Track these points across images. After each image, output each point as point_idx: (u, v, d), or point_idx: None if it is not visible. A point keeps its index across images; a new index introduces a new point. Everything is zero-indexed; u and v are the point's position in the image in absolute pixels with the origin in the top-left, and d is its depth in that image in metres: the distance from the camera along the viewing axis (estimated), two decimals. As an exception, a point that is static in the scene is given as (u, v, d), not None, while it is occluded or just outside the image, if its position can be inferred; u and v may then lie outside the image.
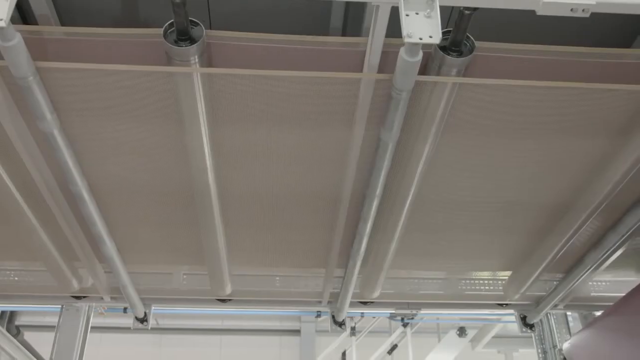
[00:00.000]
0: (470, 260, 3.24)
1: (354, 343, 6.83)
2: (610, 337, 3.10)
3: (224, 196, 2.52)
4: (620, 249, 2.80)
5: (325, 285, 3.28)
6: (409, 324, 6.76)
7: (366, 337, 7.61)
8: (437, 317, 6.75)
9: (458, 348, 6.95)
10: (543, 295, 3.42)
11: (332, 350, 7.16)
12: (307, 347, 9.94)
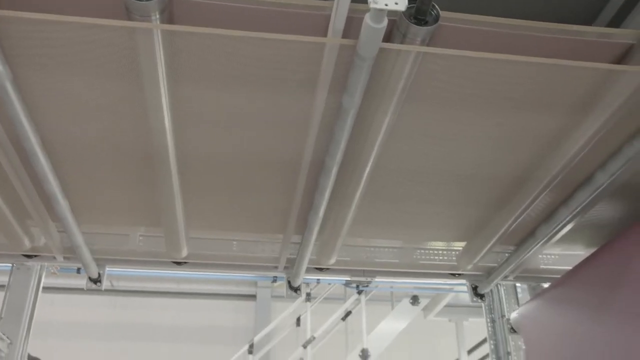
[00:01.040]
0: (426, 230, 3.30)
1: (309, 309, 6.91)
2: (556, 308, 3.21)
3: (183, 158, 2.49)
4: (570, 223, 2.87)
5: (282, 251, 3.29)
6: (364, 291, 6.87)
7: (321, 303, 7.70)
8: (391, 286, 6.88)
9: (410, 316, 7.11)
10: (494, 266, 3.50)
11: (287, 315, 7.22)
12: (263, 312, 10.02)
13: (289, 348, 7.48)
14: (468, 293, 3.78)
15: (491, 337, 4.16)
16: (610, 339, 2.71)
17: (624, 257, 2.68)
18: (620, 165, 2.41)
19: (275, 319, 7.47)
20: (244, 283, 10.18)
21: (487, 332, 4.21)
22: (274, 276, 5.57)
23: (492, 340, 4.15)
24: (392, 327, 6.98)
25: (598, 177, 2.53)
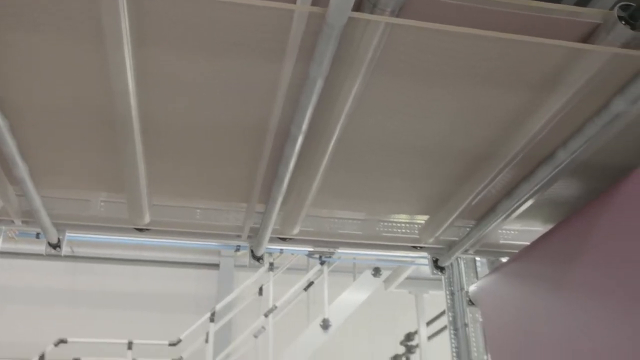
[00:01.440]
0: (390, 203, 3.32)
1: (272, 278, 6.94)
2: (513, 282, 3.28)
3: (146, 123, 2.45)
4: (530, 199, 2.92)
5: (245, 220, 3.28)
6: (326, 262, 6.92)
7: (284, 273, 7.74)
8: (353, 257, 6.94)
9: (372, 287, 7.20)
10: (455, 240, 3.55)
11: (249, 284, 7.24)
12: (225, 281, 10.04)
13: (250, 317, 7.53)
14: (429, 266, 3.83)
15: (450, 309, 4.25)
16: (565, 313, 2.79)
17: (580, 234, 2.74)
18: (581, 144, 2.45)
19: (238, 288, 7.49)
20: (207, 252, 10.17)
21: (446, 305, 4.30)
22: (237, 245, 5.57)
23: (450, 312, 4.24)
24: (354, 298, 7.07)
25: (559, 154, 2.57)
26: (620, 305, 2.42)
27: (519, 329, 3.16)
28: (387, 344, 9.75)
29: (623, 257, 2.44)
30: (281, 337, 7.08)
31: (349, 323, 8.04)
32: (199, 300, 9.81)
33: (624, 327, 2.39)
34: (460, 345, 4.13)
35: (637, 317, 2.33)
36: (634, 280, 2.36)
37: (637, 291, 2.34)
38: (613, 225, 2.52)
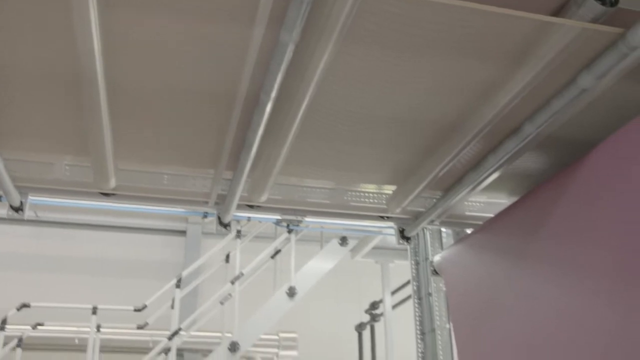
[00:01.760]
0: (358, 173, 3.33)
1: (239, 246, 6.94)
2: (477, 253, 3.34)
3: (112, 85, 2.40)
4: (496, 172, 2.96)
5: (213, 187, 3.26)
6: (294, 230, 6.95)
7: (251, 241, 7.75)
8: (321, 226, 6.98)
9: (338, 256, 7.27)
10: (422, 211, 3.58)
11: (216, 251, 7.24)
12: (192, 248, 10.03)
13: (217, 284, 7.54)
14: (395, 236, 3.87)
15: (414, 278, 4.31)
16: (527, 284, 2.85)
17: (544, 207, 2.79)
18: (547, 118, 2.49)
19: (205, 255, 7.48)
20: (174, 218, 10.13)
21: (411, 274, 4.36)
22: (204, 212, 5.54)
23: (415, 282, 4.30)
24: (320, 267, 7.13)
25: (526, 127, 2.61)
26: (580, 277, 2.49)
27: (481, 298, 3.23)
28: (353, 312, 9.88)
29: (584, 230, 2.49)
30: (247, 304, 7.12)
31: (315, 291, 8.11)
32: (165, 266, 9.78)
33: (584, 297, 2.45)
34: (423, 314, 4.21)
35: (595, 288, 2.39)
36: (593, 252, 2.42)
37: (597, 263, 2.40)
38: (576, 199, 2.57)
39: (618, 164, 2.32)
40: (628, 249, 2.24)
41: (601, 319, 2.34)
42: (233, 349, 6.34)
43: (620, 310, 2.24)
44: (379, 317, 8.99)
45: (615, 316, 2.27)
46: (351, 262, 8.18)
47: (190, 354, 8.60)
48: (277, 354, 9.03)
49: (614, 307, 2.28)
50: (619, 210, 2.30)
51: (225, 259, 7.29)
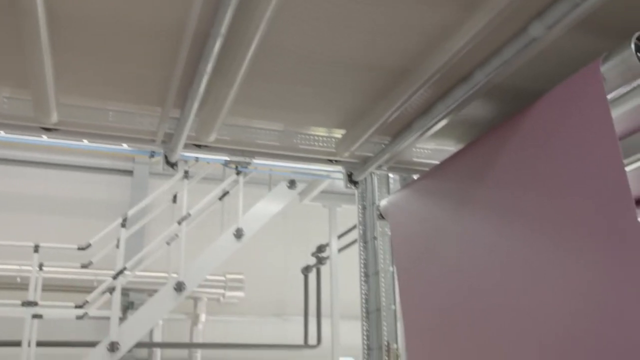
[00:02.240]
0: (308, 115, 3.31)
1: (186, 186, 6.87)
2: (422, 198, 3.40)
3: (54, 14, 2.29)
4: (445, 118, 2.99)
5: (160, 125, 3.20)
6: (243, 172, 6.91)
7: (199, 183, 7.68)
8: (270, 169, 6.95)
9: (287, 199, 7.28)
10: (370, 156, 3.61)
11: (163, 191, 7.15)
12: (139, 188, 9.89)
13: (164, 224, 7.49)
14: (343, 180, 3.89)
15: (361, 223, 4.36)
16: (470, 230, 2.92)
17: (489, 155, 2.84)
18: (497, 66, 2.51)
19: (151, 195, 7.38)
20: (120, 157, 9.92)
21: (357, 219, 4.40)
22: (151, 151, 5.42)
23: (361, 226, 4.35)
24: (268, 209, 7.14)
25: (476, 75, 2.62)
26: (522, 223, 2.56)
27: (425, 243, 3.30)
28: (299, 255, 10.01)
29: (528, 177, 2.55)
30: (194, 244, 7.10)
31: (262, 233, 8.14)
32: (111, 206, 9.63)
33: (525, 243, 2.53)
34: (368, 257, 4.28)
35: (536, 234, 2.47)
36: (536, 200, 2.49)
37: (539, 210, 2.47)
38: (521, 147, 2.62)
39: (563, 113, 2.37)
40: (570, 196, 2.31)
41: (541, 264, 2.42)
42: (179, 289, 6.36)
43: (561, 255, 2.33)
44: (325, 260, 9.14)
45: (557, 262, 2.36)
46: (299, 205, 8.22)
47: (136, 294, 8.60)
48: (223, 295, 9.13)
49: (554, 253, 2.37)
50: (562, 159, 2.36)
51: (173, 199, 7.21)
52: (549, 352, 2.33)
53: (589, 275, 2.18)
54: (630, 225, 2.04)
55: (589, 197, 2.21)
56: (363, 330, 4.18)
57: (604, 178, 2.15)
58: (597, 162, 2.19)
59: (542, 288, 2.39)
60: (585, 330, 2.18)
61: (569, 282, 2.27)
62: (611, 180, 2.12)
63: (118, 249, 6.50)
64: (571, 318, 2.25)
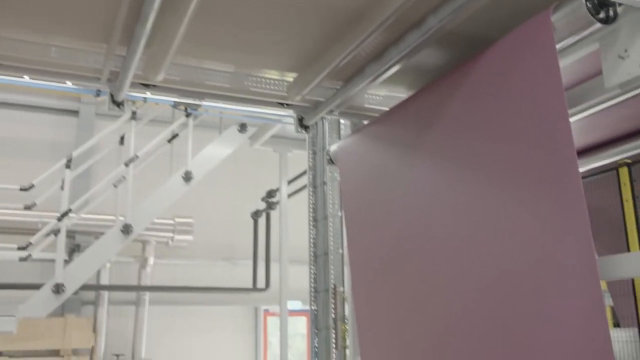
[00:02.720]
0: (260, 57, 3.25)
1: (134, 127, 6.73)
2: (371, 143, 3.41)
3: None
4: (398, 64, 2.98)
5: (105, 62, 3.09)
6: (192, 114, 6.80)
7: (148, 126, 7.54)
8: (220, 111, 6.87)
9: (237, 143, 7.23)
10: (322, 100, 3.58)
11: (110, 132, 6.99)
12: (85, 129, 9.65)
13: (111, 167, 7.35)
14: (294, 124, 3.87)
15: (311, 168, 4.37)
16: (418, 176, 2.96)
17: (439, 101, 2.86)
18: (451, 11, 2.49)
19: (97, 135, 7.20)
20: (66, 97, 9.61)
21: (308, 164, 4.42)
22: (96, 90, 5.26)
23: (311, 171, 4.37)
24: (218, 152, 7.08)
25: (429, 20, 2.61)
26: (470, 170, 2.60)
27: (373, 188, 3.33)
28: (249, 199, 10.02)
29: (476, 125, 2.59)
30: (142, 187, 7.02)
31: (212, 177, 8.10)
32: (56, 147, 9.39)
33: (472, 190, 2.58)
34: (317, 202, 4.31)
35: (481, 182, 2.52)
36: (482, 148, 2.53)
37: (487, 157, 2.51)
38: (471, 94, 2.64)
39: (512, 62, 2.39)
40: (516, 144, 2.36)
41: (486, 211, 2.48)
42: (126, 232, 6.30)
43: (505, 202, 2.39)
44: (275, 205, 9.18)
45: (501, 209, 2.41)
46: (250, 150, 8.18)
47: (83, 237, 8.50)
48: (172, 238, 9.10)
49: (499, 199, 2.42)
50: (510, 107, 2.39)
51: (120, 140, 7.07)
52: (490, 295, 2.41)
53: (531, 222, 2.25)
54: (572, 175, 2.09)
55: (534, 146, 2.26)
56: (311, 274, 4.25)
57: (549, 127, 2.20)
58: (543, 111, 2.23)
59: (486, 234, 2.46)
60: (524, 274, 2.26)
61: (511, 229, 2.34)
62: (556, 129, 2.16)
63: (63, 190, 6.36)
64: (512, 262, 2.32)
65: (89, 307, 8.93)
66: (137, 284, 9.10)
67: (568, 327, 2.05)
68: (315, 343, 4.13)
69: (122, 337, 9.13)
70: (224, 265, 10.09)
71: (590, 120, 3.18)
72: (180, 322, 9.70)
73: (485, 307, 2.43)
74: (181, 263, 9.81)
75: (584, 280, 2.01)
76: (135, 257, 9.19)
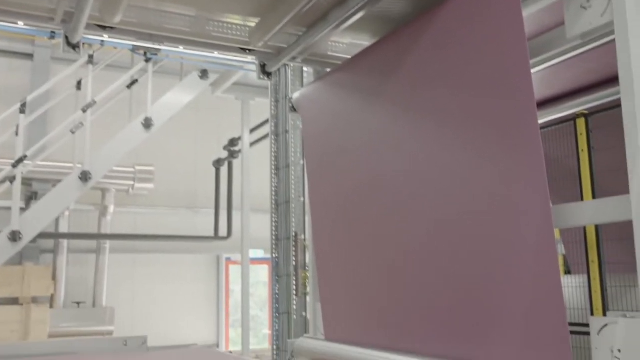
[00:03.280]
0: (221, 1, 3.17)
1: (91, 72, 6.54)
2: (334, 91, 3.39)
3: None
4: (361, 11, 2.93)
5: (59, 2, 2.97)
6: (152, 60, 6.64)
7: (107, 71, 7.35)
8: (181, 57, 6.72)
9: (198, 90, 7.11)
10: (284, 47, 3.53)
11: (66, 77, 6.78)
12: (40, 73, 9.36)
13: (68, 112, 7.16)
14: (256, 71, 3.81)
15: (273, 116, 4.34)
16: (379, 124, 2.96)
17: (401, 50, 2.84)
18: (415, -43, 2.45)
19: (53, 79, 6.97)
20: (19, 39, 9.25)
21: (270, 112, 4.38)
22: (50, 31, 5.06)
23: (273, 119, 4.33)
24: (179, 99, 6.95)
25: (394, -34, 2.56)
26: (430, 120, 2.61)
27: (335, 136, 3.33)
28: (211, 148, 9.93)
29: (437, 75, 2.58)
30: (100, 134, 6.88)
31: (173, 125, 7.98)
32: (9, 91, 9.08)
33: (430, 140, 2.60)
34: (279, 151, 4.30)
35: (441, 131, 2.53)
36: (444, 97, 2.53)
37: (446, 108, 2.52)
38: (432, 44, 2.63)
39: (476, 11, 2.38)
40: (477, 95, 2.36)
41: (446, 161, 2.50)
42: (84, 179, 6.18)
43: (465, 153, 2.41)
44: (237, 154, 9.13)
45: (460, 159, 2.44)
46: (212, 98, 8.06)
47: (41, 184, 8.34)
48: (132, 186, 9.00)
49: (459, 150, 2.44)
50: (473, 57, 2.39)
51: (77, 86, 6.86)
52: (448, 240, 2.46)
53: (489, 170, 2.28)
54: (530, 125, 2.12)
55: (495, 95, 2.27)
56: (272, 222, 4.26)
57: (510, 77, 2.21)
58: (505, 60, 2.23)
59: (446, 181, 2.48)
60: (481, 221, 2.30)
61: (470, 177, 2.37)
62: (517, 79, 2.17)
63: (17, 136, 6.18)
64: (470, 208, 2.36)
65: (48, 256, 8.83)
66: (97, 232, 9.02)
67: (521, 272, 2.11)
68: (276, 290, 4.17)
69: (83, 285, 9.09)
70: (186, 213, 10.06)
71: (551, 72, 3.21)
72: (142, 270, 9.69)
73: (443, 252, 2.47)
74: (142, 211, 9.74)
75: (539, 228, 2.06)
76: (95, 205, 9.08)
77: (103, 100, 6.71)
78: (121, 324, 8.84)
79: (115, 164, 6.74)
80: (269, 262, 4.37)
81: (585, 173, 3.69)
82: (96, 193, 8.87)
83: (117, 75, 7.05)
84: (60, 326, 8.15)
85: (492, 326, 2.22)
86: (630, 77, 1.90)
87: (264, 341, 10.59)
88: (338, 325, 3.23)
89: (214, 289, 10.29)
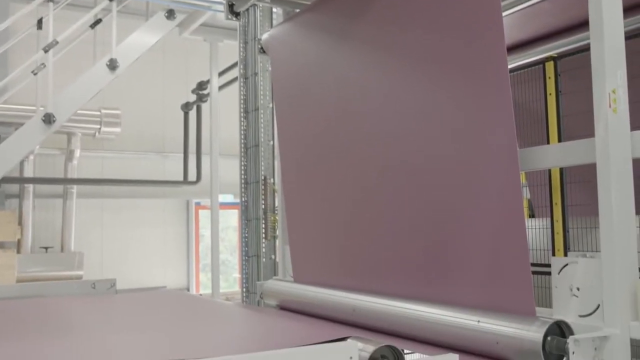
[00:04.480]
0: None
1: (52, 11, 6.30)
2: (303, 32, 3.32)
3: None
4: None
5: None
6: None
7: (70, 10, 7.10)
8: (146, -4, 6.52)
9: (164, 30, 6.92)
10: (252, -16, 3.44)
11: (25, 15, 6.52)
12: (-1, 11, 8.97)
13: (28, 52, 6.93)
14: (224, 11, 3.71)
15: (242, 59, 4.25)
16: (348, 65, 2.92)
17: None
18: None
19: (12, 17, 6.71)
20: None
21: (239, 55, 4.28)
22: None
23: (242, 62, 4.25)
24: (144, 40, 6.77)
25: None
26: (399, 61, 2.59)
27: (304, 78, 3.28)
28: (179, 91, 9.76)
29: (407, 16, 2.54)
30: (64, 75, 6.69)
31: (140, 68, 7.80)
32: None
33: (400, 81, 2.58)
34: (248, 94, 4.23)
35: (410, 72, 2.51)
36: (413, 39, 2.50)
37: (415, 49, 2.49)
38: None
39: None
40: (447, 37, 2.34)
41: (415, 101, 2.49)
42: (48, 121, 6.04)
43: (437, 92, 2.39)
44: (205, 98, 8.99)
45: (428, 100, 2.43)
46: (179, 40, 7.87)
47: (2, 128, 8.12)
48: (99, 130, 8.83)
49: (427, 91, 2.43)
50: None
51: (37, 24, 6.62)
52: (417, 182, 2.48)
53: (458, 113, 2.28)
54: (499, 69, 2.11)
55: (466, 38, 2.25)
56: (241, 166, 4.23)
57: (481, 20, 2.18)
58: (476, 3, 2.20)
59: (415, 123, 2.48)
60: (449, 163, 2.32)
61: (439, 119, 2.37)
62: (488, 23, 2.15)
63: (-23, 78, 5.98)
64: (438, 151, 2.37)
65: (14, 201, 8.69)
66: (64, 177, 8.87)
67: (487, 214, 2.14)
68: (245, 233, 4.18)
69: (50, 230, 9.00)
70: (154, 158, 9.94)
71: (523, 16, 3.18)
72: (110, 215, 9.62)
73: (410, 194, 2.49)
74: (109, 156, 9.60)
75: (505, 171, 2.08)
76: (61, 149, 8.90)
77: (65, 40, 6.50)
78: (90, 269, 8.82)
79: (80, 106, 6.58)
80: (238, 206, 4.36)
81: (552, 116, 3.72)
82: (61, 137, 8.69)
83: (80, 15, 6.82)
84: (28, 271, 8.10)
85: (458, 266, 2.26)
86: (600, 20, 1.90)
87: (234, 285, 10.70)
88: (307, 268, 3.26)
89: (184, 233, 10.29)
